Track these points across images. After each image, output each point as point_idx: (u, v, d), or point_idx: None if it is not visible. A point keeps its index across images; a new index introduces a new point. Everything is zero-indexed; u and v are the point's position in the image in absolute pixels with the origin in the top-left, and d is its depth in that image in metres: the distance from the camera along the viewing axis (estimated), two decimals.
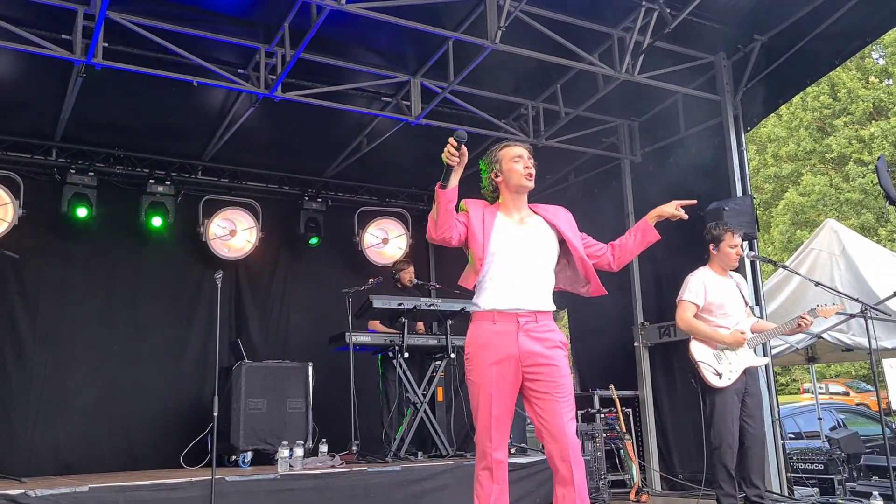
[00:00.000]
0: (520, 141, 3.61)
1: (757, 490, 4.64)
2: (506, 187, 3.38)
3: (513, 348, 3.13)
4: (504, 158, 3.39)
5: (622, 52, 6.36)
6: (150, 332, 7.62)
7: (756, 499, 4.63)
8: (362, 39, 6.38)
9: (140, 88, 6.36)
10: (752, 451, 4.68)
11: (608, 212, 8.24)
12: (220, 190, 8.24)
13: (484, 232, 3.23)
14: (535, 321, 3.19)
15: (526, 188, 3.35)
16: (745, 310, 4.92)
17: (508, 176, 3.35)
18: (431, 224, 3.15)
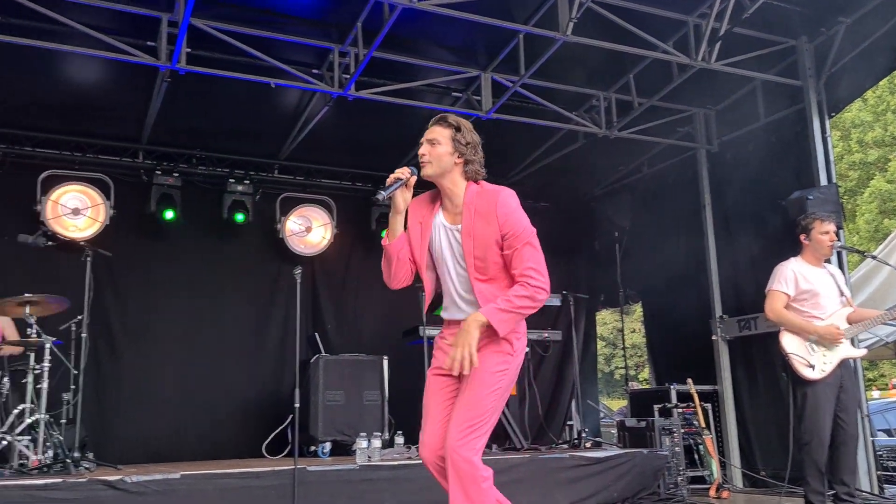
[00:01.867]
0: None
1: (847, 488, 4.48)
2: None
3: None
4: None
5: (698, 39, 6.21)
6: (232, 327, 7.87)
7: (847, 497, 4.47)
8: (433, 35, 6.43)
9: (220, 91, 6.58)
10: (844, 448, 4.50)
11: (684, 203, 8.09)
12: (295, 188, 8.44)
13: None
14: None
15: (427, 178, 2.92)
16: (840, 300, 4.73)
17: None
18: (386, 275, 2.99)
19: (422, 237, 2.93)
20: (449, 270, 2.92)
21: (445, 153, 2.88)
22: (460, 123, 2.95)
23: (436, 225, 2.94)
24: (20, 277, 6.44)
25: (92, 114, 7.09)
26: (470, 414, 2.74)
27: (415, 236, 2.95)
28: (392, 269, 2.94)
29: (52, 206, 7.11)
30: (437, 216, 2.95)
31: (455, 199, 2.91)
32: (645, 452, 6.11)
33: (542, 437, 7.88)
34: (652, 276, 8.71)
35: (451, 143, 2.89)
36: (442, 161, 2.87)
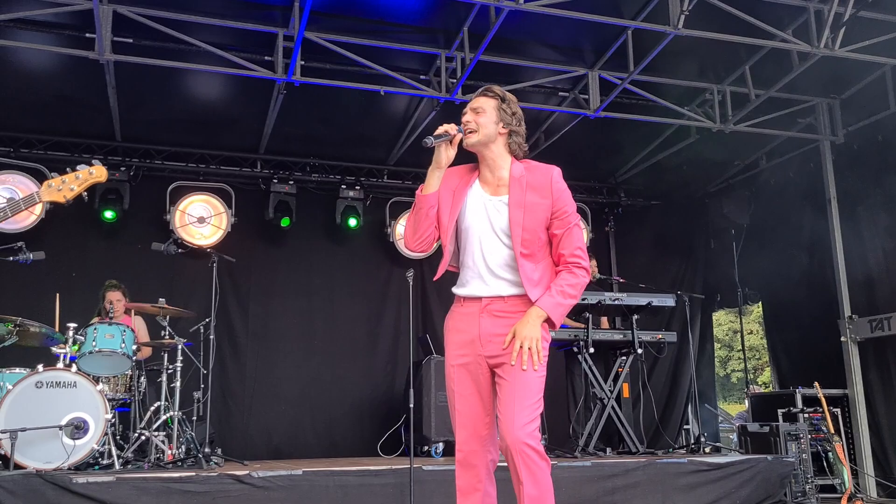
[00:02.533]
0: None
1: None
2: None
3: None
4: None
5: (820, 25, 5.90)
6: (346, 328, 8.12)
7: None
8: (538, 36, 6.40)
9: (331, 100, 6.82)
10: None
11: (806, 197, 7.71)
12: (404, 192, 8.61)
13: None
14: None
15: (470, 147, 2.85)
16: None
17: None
18: (408, 233, 2.89)
19: (453, 205, 2.83)
20: (480, 243, 2.80)
21: (490, 122, 2.81)
22: (505, 94, 2.87)
23: (471, 195, 2.85)
24: (153, 282, 6.91)
25: (215, 127, 7.51)
26: (527, 402, 2.69)
27: (445, 204, 2.85)
28: (419, 225, 2.83)
29: (179, 216, 7.57)
30: (472, 187, 2.87)
31: (497, 171, 2.85)
32: (769, 459, 5.84)
33: (657, 441, 7.69)
34: (773, 275, 8.33)
35: (496, 113, 2.83)
36: (486, 130, 2.81)
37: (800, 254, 7.88)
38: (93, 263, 7.24)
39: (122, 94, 6.59)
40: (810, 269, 7.70)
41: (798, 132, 7.58)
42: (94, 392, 4.77)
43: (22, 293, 6.56)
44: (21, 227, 6.72)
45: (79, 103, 6.90)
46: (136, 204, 7.55)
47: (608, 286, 7.61)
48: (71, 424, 4.60)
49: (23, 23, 5.66)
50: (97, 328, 5.21)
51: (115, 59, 5.66)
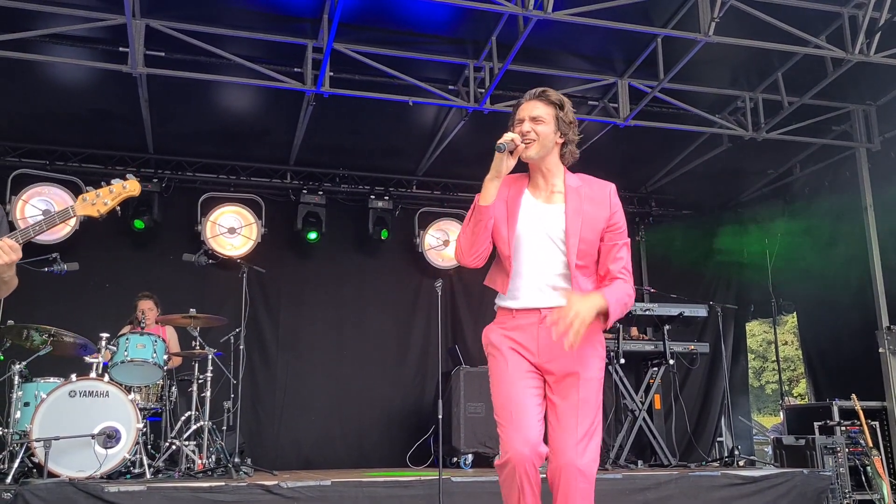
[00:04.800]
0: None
1: None
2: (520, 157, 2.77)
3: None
4: (513, 119, 2.79)
5: (854, 31, 5.80)
6: (375, 339, 8.13)
7: None
8: (567, 45, 6.37)
9: (360, 111, 6.85)
10: None
11: (842, 206, 7.56)
12: (433, 202, 8.62)
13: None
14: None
15: (529, 158, 2.73)
16: None
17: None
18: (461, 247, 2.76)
19: (509, 215, 2.73)
20: (536, 252, 2.70)
21: (550, 132, 2.70)
22: (563, 100, 2.76)
23: (524, 204, 2.74)
24: (185, 292, 6.97)
25: (245, 139, 7.59)
26: (587, 421, 2.56)
27: (500, 214, 2.73)
28: (476, 237, 2.69)
29: (210, 227, 7.65)
30: (524, 196, 2.77)
31: (550, 179, 2.76)
32: (806, 473, 5.71)
33: (690, 454, 7.57)
34: (808, 285, 8.18)
35: (555, 122, 2.71)
36: (546, 140, 2.70)
37: (836, 263, 7.72)
38: (125, 274, 7.34)
39: (154, 107, 6.69)
40: (847, 278, 7.54)
41: (833, 139, 7.44)
42: (125, 401, 4.82)
43: (56, 303, 6.66)
44: (56, 239, 6.84)
45: (112, 116, 7.02)
46: (168, 215, 7.66)
47: (639, 296, 7.52)
48: (103, 433, 4.66)
49: (57, 38, 5.77)
50: (129, 338, 5.27)
51: (147, 72, 5.75)
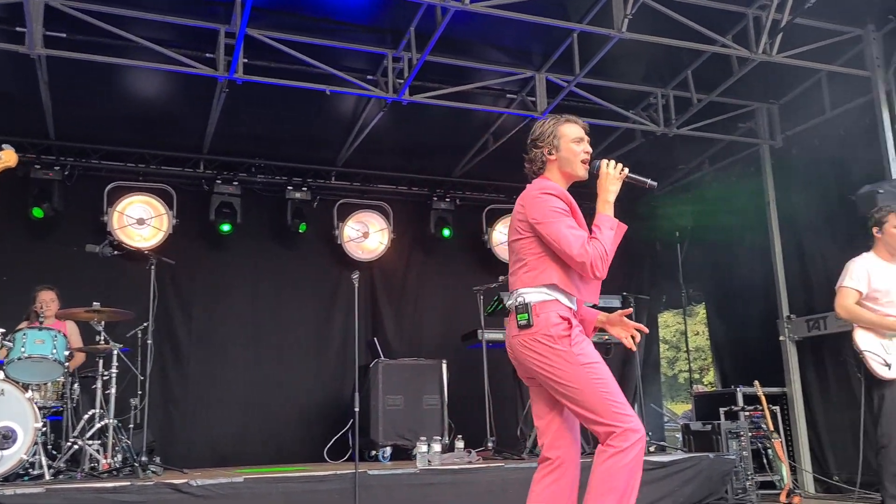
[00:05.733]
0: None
1: None
2: (559, 170, 3.04)
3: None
4: (564, 136, 3.03)
5: (758, 31, 6.03)
6: (293, 332, 7.98)
7: None
8: (486, 37, 6.41)
9: (277, 100, 6.70)
10: None
11: (748, 200, 7.88)
12: (352, 193, 8.52)
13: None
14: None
15: (580, 178, 3.06)
16: None
17: (567, 159, 3.03)
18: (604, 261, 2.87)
19: (581, 225, 2.98)
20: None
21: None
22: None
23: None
24: (88, 286, 6.68)
25: (155, 126, 7.30)
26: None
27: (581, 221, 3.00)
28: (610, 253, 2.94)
29: (118, 217, 7.34)
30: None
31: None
32: (711, 457, 5.94)
33: None
34: (715, 277, 8.50)
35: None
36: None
37: (741, 256, 8.05)
38: (23, 266, 6.94)
39: (55, 90, 6.36)
40: (751, 271, 7.87)
41: (739, 136, 7.74)
42: (22, 400, 4.58)
43: None
44: None
45: (9, 99, 6.63)
46: (72, 204, 7.30)
47: None
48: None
49: None
50: (26, 333, 5.00)
51: (46, 53, 5.44)
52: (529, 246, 2.95)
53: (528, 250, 2.95)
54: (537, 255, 2.92)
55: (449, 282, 8.62)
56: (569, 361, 2.81)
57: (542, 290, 2.89)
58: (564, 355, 2.82)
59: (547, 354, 2.83)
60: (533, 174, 3.09)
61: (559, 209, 2.89)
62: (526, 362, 2.90)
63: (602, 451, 2.79)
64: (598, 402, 2.79)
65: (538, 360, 2.85)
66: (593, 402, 2.79)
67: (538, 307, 2.87)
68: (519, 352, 2.92)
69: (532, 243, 2.94)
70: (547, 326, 2.84)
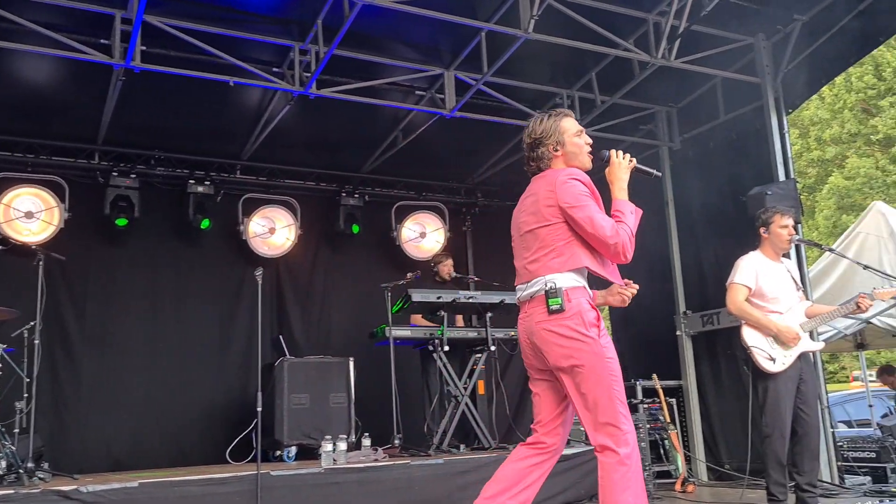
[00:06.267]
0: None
1: (808, 479, 4.54)
2: (565, 163, 3.19)
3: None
4: (567, 131, 3.20)
5: (658, 36, 6.25)
6: (196, 331, 7.73)
7: (808, 487, 4.53)
8: (395, 33, 6.38)
9: (178, 90, 6.46)
10: (805, 439, 4.57)
11: (648, 200, 8.11)
12: (258, 188, 8.32)
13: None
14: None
15: (587, 168, 3.23)
16: (797, 294, 4.80)
17: (574, 153, 3.20)
18: (632, 244, 3.07)
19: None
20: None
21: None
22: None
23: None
24: None
25: (45, 114, 6.91)
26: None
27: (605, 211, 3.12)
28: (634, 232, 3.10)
29: (4, 210, 6.91)
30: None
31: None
32: None
33: (510, 437, 7.86)
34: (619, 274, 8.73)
35: None
36: None
37: (641, 253, 8.26)
38: None
39: None
40: (651, 267, 8.14)
41: (640, 138, 8.01)
42: None
43: None
44: None
45: None
46: None
47: (464, 285, 7.70)
48: None
49: None
50: None
51: None
52: (558, 232, 3.03)
53: (558, 236, 3.02)
54: (567, 240, 3.02)
55: (357, 279, 8.55)
56: (595, 351, 2.91)
57: (571, 275, 3.00)
58: (592, 344, 2.91)
59: (575, 338, 2.91)
60: (538, 171, 3.21)
61: (586, 194, 3.03)
62: (549, 348, 2.95)
63: (604, 457, 2.90)
64: (608, 398, 2.90)
65: (564, 345, 2.92)
66: (604, 397, 2.89)
67: (571, 292, 2.96)
68: (544, 339, 2.96)
69: (561, 229, 3.02)
70: (580, 312, 2.94)
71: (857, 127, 21.27)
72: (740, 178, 6.92)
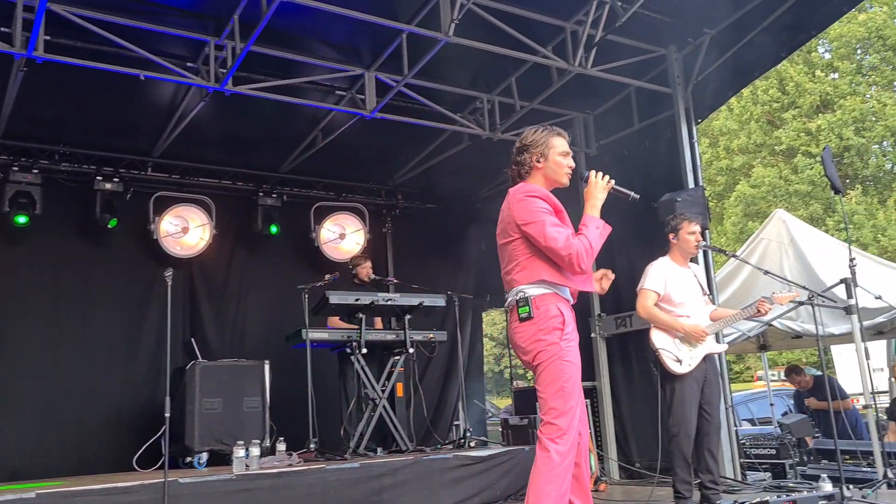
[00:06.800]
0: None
1: (711, 476, 4.71)
2: (544, 177, 3.40)
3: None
4: (554, 147, 3.40)
5: (575, 45, 6.39)
6: (101, 334, 7.42)
7: (710, 485, 4.70)
8: (315, 32, 6.30)
9: (86, 83, 6.18)
10: (708, 438, 4.75)
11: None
12: (171, 186, 8.05)
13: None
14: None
15: (563, 185, 3.43)
16: (703, 298, 4.99)
17: (553, 169, 3.39)
18: (588, 254, 3.20)
19: (565, 224, 3.33)
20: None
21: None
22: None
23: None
24: None
25: None
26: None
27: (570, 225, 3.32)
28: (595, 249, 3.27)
29: None
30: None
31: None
32: (527, 449, 6.20)
33: (428, 439, 7.87)
34: None
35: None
36: None
37: None
38: None
39: None
40: None
41: None
42: None
43: None
44: None
45: None
46: None
47: (384, 287, 7.67)
48: None
49: None
50: None
51: None
52: (520, 247, 3.27)
53: (520, 251, 3.27)
54: (528, 255, 3.25)
55: (274, 280, 8.40)
56: (553, 353, 3.16)
57: (538, 284, 3.22)
58: (552, 346, 3.17)
59: (538, 339, 3.18)
60: (518, 177, 3.41)
61: (543, 209, 3.23)
62: (519, 351, 3.26)
63: (540, 448, 3.13)
64: (555, 397, 3.14)
65: (528, 347, 3.20)
66: (552, 395, 3.14)
67: (538, 300, 3.21)
68: (515, 343, 3.27)
69: (522, 244, 3.27)
70: (546, 318, 3.18)
71: (762, 138, 22.32)
72: (653, 185, 7.13)
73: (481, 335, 10.44)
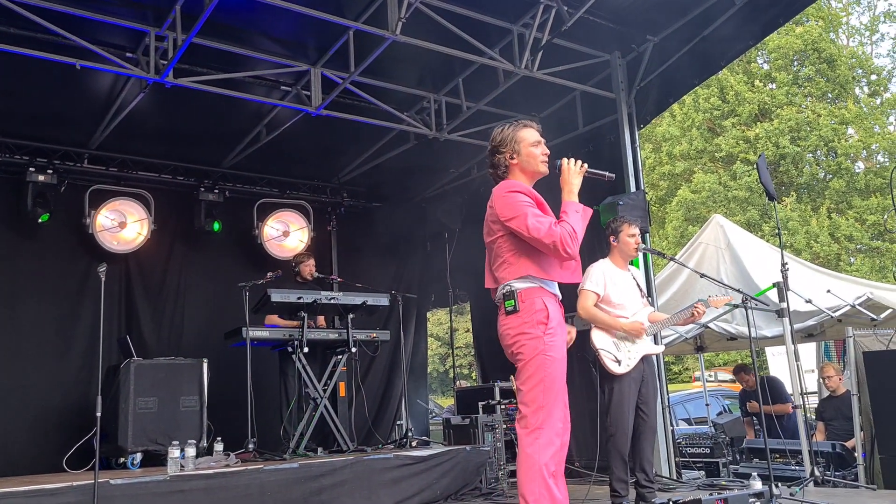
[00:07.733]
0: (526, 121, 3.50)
1: (646, 475, 4.80)
2: (521, 171, 3.38)
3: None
4: (523, 141, 3.38)
5: (522, 47, 6.44)
6: (31, 331, 7.17)
7: (646, 483, 4.79)
8: (260, 26, 6.20)
9: (18, 71, 5.98)
10: (643, 437, 4.83)
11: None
12: (108, 180, 7.84)
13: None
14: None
15: (543, 174, 3.41)
16: (641, 301, 5.07)
17: (527, 161, 3.36)
18: (573, 239, 3.17)
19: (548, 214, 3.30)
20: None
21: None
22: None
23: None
24: None
25: None
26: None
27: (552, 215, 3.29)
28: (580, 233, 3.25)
29: None
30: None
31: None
32: (468, 449, 6.22)
33: (370, 439, 7.84)
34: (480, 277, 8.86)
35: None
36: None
37: None
38: None
39: None
40: None
41: None
42: None
43: None
44: None
45: None
46: None
47: (327, 285, 7.60)
48: None
49: None
50: None
51: None
52: (505, 244, 3.29)
53: (505, 248, 3.29)
54: (513, 251, 3.27)
55: (214, 277, 8.24)
56: (535, 346, 3.16)
57: (525, 279, 3.24)
58: (535, 340, 3.17)
59: (522, 332, 3.19)
60: (498, 178, 3.40)
61: (525, 202, 3.22)
62: (504, 343, 3.27)
63: (519, 442, 3.17)
64: (535, 390, 3.14)
65: (512, 340, 3.22)
66: (532, 389, 3.14)
67: (523, 294, 3.22)
68: (501, 335, 3.28)
69: (506, 241, 3.28)
70: (531, 312, 3.19)
71: (703, 144, 22.90)
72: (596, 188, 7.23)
73: (426, 335, 10.44)
